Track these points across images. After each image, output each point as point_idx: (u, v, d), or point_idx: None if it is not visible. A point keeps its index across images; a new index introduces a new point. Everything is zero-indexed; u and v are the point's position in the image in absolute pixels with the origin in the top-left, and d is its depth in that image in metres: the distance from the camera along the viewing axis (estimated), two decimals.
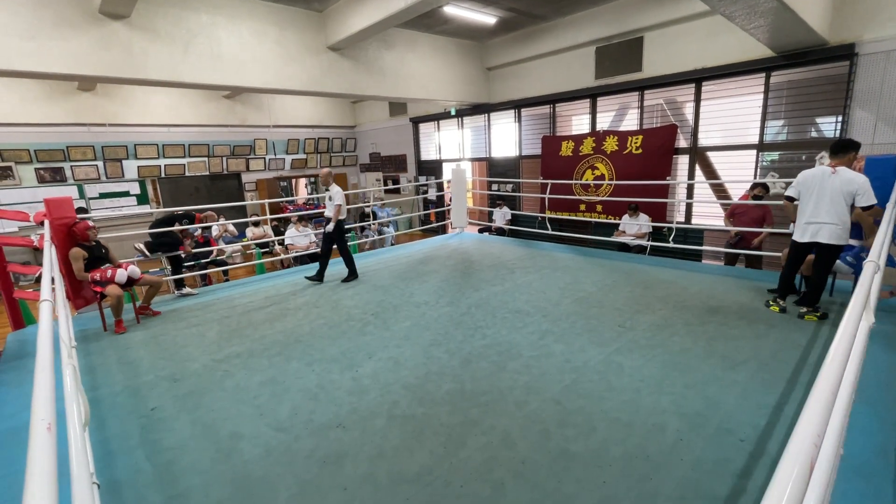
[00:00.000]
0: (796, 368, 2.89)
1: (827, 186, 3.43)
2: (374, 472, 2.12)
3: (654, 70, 6.69)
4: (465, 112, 9.85)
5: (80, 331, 4.14)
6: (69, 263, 4.05)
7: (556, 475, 2.05)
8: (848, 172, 3.38)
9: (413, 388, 2.86)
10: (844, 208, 3.39)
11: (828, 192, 3.42)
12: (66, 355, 1.95)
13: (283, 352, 3.52)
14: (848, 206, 3.39)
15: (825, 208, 3.44)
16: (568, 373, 2.97)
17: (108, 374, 3.28)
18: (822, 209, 3.46)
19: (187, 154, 10.26)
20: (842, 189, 3.36)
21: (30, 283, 7.79)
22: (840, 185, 3.37)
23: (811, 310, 3.68)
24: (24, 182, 8.50)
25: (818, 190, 3.48)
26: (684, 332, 3.52)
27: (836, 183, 3.38)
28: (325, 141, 12.57)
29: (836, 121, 5.27)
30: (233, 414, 2.66)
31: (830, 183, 3.41)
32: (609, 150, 7.41)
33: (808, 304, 3.71)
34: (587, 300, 4.37)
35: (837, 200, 3.39)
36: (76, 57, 4.78)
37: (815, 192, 3.49)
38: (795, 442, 0.79)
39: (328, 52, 6.67)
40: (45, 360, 1.43)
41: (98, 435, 2.49)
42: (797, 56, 5.31)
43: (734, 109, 6.16)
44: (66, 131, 8.78)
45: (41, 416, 1.05)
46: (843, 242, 3.46)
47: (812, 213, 3.52)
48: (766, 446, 2.16)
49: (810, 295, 3.71)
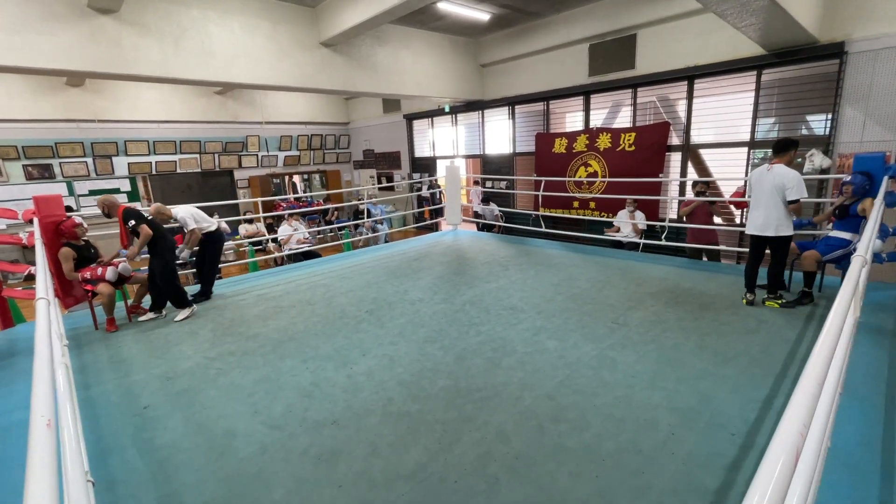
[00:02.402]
0: (786, 363, 2.93)
1: (764, 183, 3.75)
2: (369, 468, 2.12)
3: (647, 67, 6.72)
4: (458, 109, 9.84)
5: (71, 329, 4.09)
6: (58, 262, 4.00)
7: (549, 470, 2.07)
8: (782, 169, 3.68)
9: (408, 385, 2.86)
10: (779, 202, 3.69)
11: (765, 188, 3.75)
12: (59, 354, 1.94)
13: (277, 349, 3.51)
14: (782, 200, 3.68)
15: (764, 202, 3.77)
16: (561, 369, 2.99)
17: (100, 372, 3.26)
18: (761, 203, 3.79)
19: (178, 150, 10.16)
20: (774, 184, 3.67)
21: (18, 281, 7.68)
22: (773, 180, 3.68)
23: (772, 296, 3.96)
24: (11, 179, 8.38)
25: (758, 186, 3.81)
26: (677, 328, 3.56)
27: (771, 179, 3.70)
28: (319, 138, 12.50)
29: (826, 118, 5.33)
30: (227, 412, 2.65)
31: (767, 179, 3.73)
32: (602, 148, 7.44)
33: (769, 290, 4.00)
34: (581, 297, 4.40)
35: (773, 195, 3.69)
36: (64, 51, 4.71)
37: (756, 188, 3.84)
38: (782, 432, 0.81)
39: (321, 47, 6.62)
40: (44, 358, 1.42)
41: (91, 433, 2.47)
42: (788, 54, 5.36)
43: (726, 107, 6.20)
44: (54, 127, 8.65)
45: (41, 412, 1.04)
46: (785, 233, 3.75)
47: (754, 206, 3.87)
48: (756, 439, 2.19)
49: (770, 282, 3.99)
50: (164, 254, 4.18)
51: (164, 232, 4.25)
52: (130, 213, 4.08)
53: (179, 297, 4.32)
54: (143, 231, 3.99)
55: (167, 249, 4.21)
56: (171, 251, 4.28)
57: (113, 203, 4.19)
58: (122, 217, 4.06)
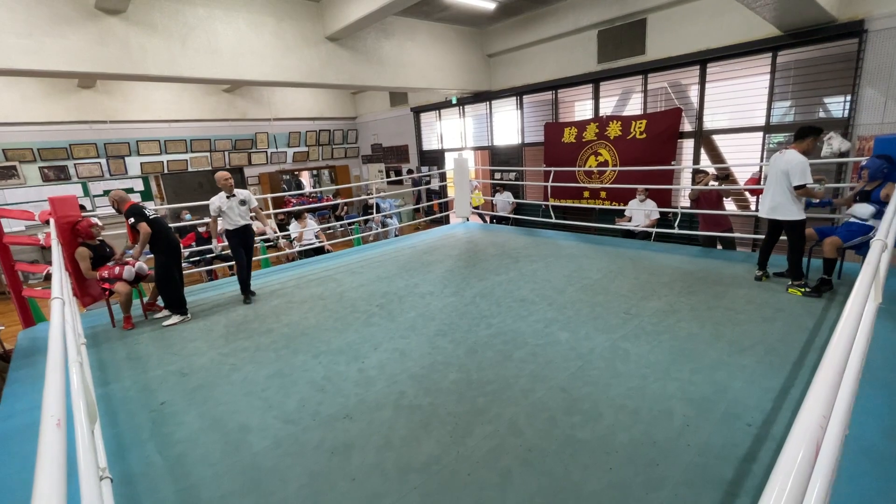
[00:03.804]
0: (803, 351, 2.87)
1: (774, 166, 3.79)
2: (382, 461, 2.14)
3: (657, 52, 6.57)
4: (466, 100, 9.76)
5: (89, 327, 4.18)
6: (75, 261, 4.08)
7: (562, 462, 2.06)
8: (791, 154, 3.66)
9: (419, 379, 2.87)
10: (784, 187, 3.70)
11: (773, 171, 3.79)
12: (75, 352, 1.97)
13: (290, 344, 3.54)
14: (787, 185, 3.68)
15: (772, 187, 3.81)
16: (574, 360, 2.97)
17: (117, 369, 3.32)
18: (770, 187, 3.84)
19: (189, 149, 10.27)
20: (781, 168, 3.68)
21: (38, 281, 7.87)
22: (781, 165, 3.69)
23: (795, 284, 3.89)
24: (28, 181, 8.55)
25: (771, 170, 3.84)
26: (690, 318, 3.51)
27: (780, 163, 3.71)
28: (327, 133, 12.52)
29: (845, 100, 5.17)
30: (241, 407, 2.69)
31: (778, 163, 3.74)
32: (612, 136, 7.33)
33: (792, 277, 3.93)
34: (592, 287, 4.36)
35: (780, 179, 3.71)
36: (74, 53, 4.76)
37: (770, 172, 3.87)
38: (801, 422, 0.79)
39: (326, 42, 6.60)
40: (56, 357, 1.44)
41: (110, 429, 2.52)
42: (804, 34, 5.19)
43: (740, 91, 6.05)
44: (68, 129, 8.80)
45: (51, 412, 1.07)
46: (790, 217, 3.75)
47: (766, 189, 3.93)
48: (773, 430, 2.15)
49: (790, 268, 3.95)
50: (161, 253, 4.13)
51: (166, 231, 4.19)
52: (132, 211, 4.05)
53: (172, 299, 4.22)
54: (142, 229, 3.97)
55: (167, 249, 4.15)
56: (171, 251, 4.20)
57: (122, 198, 4.21)
58: (125, 213, 4.09)
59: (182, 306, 4.27)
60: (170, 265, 4.19)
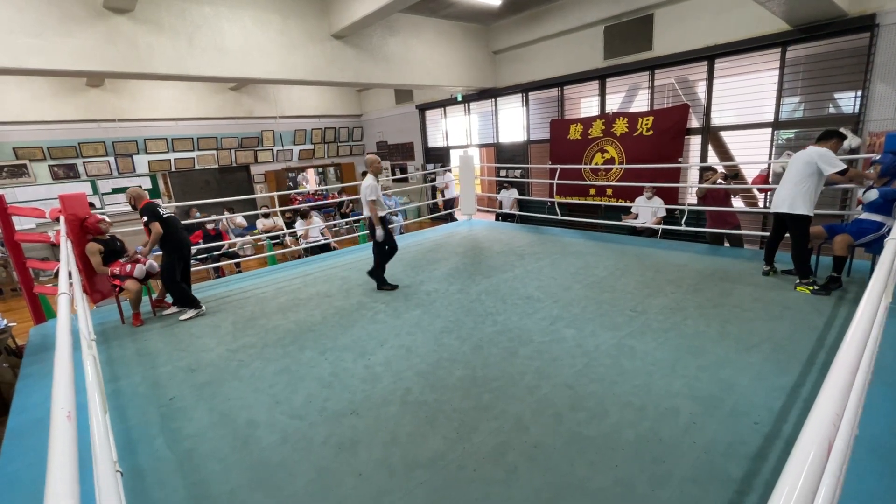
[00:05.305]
0: (812, 350, 2.85)
1: (794, 161, 3.76)
2: (388, 457, 2.15)
3: (664, 48, 6.52)
4: (471, 97, 9.74)
5: (98, 324, 4.23)
6: (86, 258, 4.13)
7: (568, 459, 2.06)
8: (812, 148, 3.67)
9: (425, 375, 2.88)
10: (804, 177, 3.66)
11: (792, 165, 3.75)
12: (87, 347, 2.00)
13: (297, 341, 3.56)
14: (805, 175, 3.65)
15: (788, 179, 3.78)
16: (580, 357, 2.97)
17: (127, 365, 3.36)
18: (785, 181, 3.80)
19: (196, 147, 10.32)
20: (805, 160, 3.65)
21: (49, 278, 7.96)
22: (805, 157, 3.68)
23: (803, 282, 3.85)
24: (38, 179, 8.65)
25: (791, 166, 3.80)
26: (697, 315, 3.49)
27: (802, 155, 3.71)
28: (332, 130, 12.54)
29: (856, 96, 5.10)
30: (249, 402, 2.72)
31: (800, 156, 3.73)
32: (619, 133, 7.28)
33: (799, 275, 3.89)
34: (598, 285, 4.35)
35: (801, 170, 3.68)
36: (83, 53, 4.81)
37: (789, 168, 3.83)
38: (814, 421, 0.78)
39: (332, 39, 6.61)
40: (64, 351, 1.47)
41: (120, 424, 2.56)
42: (814, 29, 5.12)
43: (748, 87, 5.99)
44: (77, 128, 8.88)
45: (61, 404, 1.08)
46: (798, 211, 3.70)
47: (779, 186, 3.88)
48: (781, 428, 2.14)
49: (795, 267, 3.92)
50: (168, 252, 4.19)
51: (178, 231, 4.24)
52: (145, 209, 4.11)
53: (180, 296, 4.29)
54: (154, 229, 4.04)
55: (176, 248, 4.20)
56: (181, 250, 4.25)
57: (139, 195, 4.30)
58: (140, 211, 4.14)
59: (193, 301, 4.33)
60: (175, 264, 4.24)
